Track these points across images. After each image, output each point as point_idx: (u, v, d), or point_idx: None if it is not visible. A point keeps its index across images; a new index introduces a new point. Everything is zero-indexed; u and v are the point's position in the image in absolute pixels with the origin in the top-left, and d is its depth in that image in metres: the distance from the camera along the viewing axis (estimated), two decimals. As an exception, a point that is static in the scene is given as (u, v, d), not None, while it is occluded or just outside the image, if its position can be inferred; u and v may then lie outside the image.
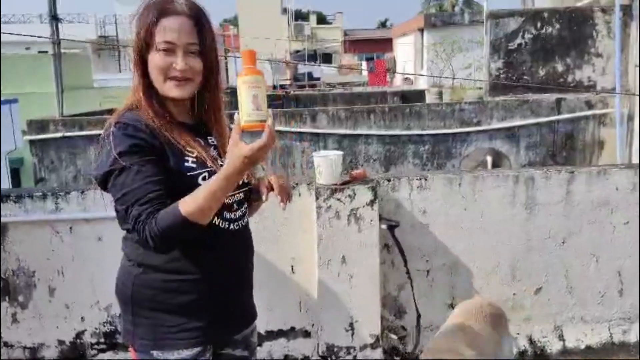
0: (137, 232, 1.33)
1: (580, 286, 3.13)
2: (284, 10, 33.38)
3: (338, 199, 2.83)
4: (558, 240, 3.08)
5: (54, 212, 2.91)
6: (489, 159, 7.26)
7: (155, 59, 1.41)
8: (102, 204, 2.94)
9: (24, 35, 3.70)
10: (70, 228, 2.93)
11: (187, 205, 1.31)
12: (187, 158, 1.42)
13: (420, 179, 3.01)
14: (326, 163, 2.84)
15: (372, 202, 2.84)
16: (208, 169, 1.43)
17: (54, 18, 7.20)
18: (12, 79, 16.08)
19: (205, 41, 1.43)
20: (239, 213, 1.53)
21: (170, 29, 1.40)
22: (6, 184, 12.07)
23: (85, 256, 2.95)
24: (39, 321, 3.00)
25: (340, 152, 2.93)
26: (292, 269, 3.03)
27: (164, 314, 1.45)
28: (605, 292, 3.14)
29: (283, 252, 3.00)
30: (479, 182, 3.03)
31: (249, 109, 1.26)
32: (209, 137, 1.55)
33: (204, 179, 1.41)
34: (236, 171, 1.29)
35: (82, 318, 3.01)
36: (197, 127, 1.54)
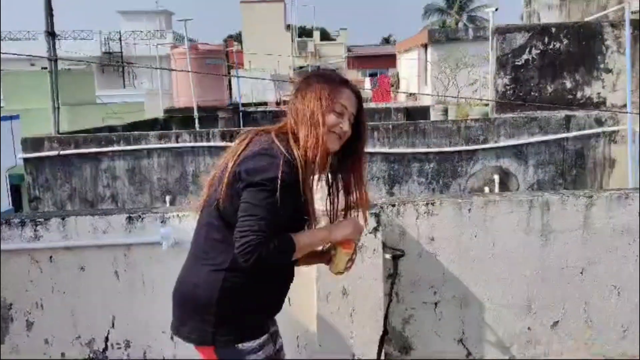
0: (246, 241, 1.54)
1: (600, 320, 2.90)
2: (288, 27, 33.49)
3: (338, 227, 2.61)
4: (576, 270, 2.86)
5: (33, 240, 2.71)
6: (496, 177, 7.07)
7: (332, 117, 1.71)
8: (86, 230, 2.76)
9: (18, 54, 3.54)
10: (50, 257, 2.72)
11: (302, 243, 1.67)
12: (308, 207, 1.71)
13: (427, 204, 2.80)
14: (325, 187, 2.63)
15: (375, 230, 2.63)
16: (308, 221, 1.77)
17: (50, 34, 7.07)
18: (16, 95, 16.06)
19: (361, 116, 1.81)
20: None
21: (347, 97, 1.75)
22: (6, 200, 11.93)
23: (67, 287, 2.74)
24: (16, 357, 2.78)
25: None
26: (290, 301, 2.79)
27: (247, 313, 1.71)
28: (628, 326, 2.90)
29: (279, 283, 2.78)
30: (491, 207, 2.81)
31: (343, 266, 1.88)
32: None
33: (308, 226, 1.77)
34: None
35: (62, 354, 2.79)
36: (327, 179, 1.89)
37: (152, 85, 22.57)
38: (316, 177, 1.80)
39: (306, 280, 2.72)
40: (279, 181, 1.58)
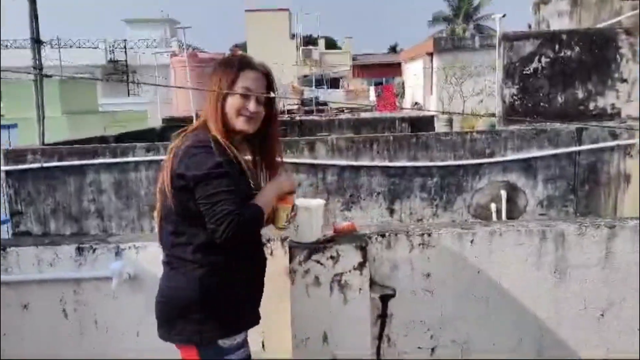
0: (224, 222, 1.64)
1: (624, 369, 2.50)
2: (293, 36, 33.29)
3: (318, 262, 2.25)
4: (596, 311, 2.47)
5: (-33, 274, 2.36)
6: (504, 193, 6.65)
7: (234, 100, 1.81)
8: (29, 262, 2.40)
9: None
10: (-13, 294, 2.37)
11: (262, 205, 1.77)
12: (249, 181, 1.84)
13: (423, 234, 2.43)
14: (304, 215, 2.26)
15: (361, 265, 2.26)
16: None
17: (36, 41, 6.78)
18: (14, 103, 15.86)
19: (272, 97, 1.89)
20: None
21: (250, 78, 1.83)
22: (5, 210, 11.66)
23: (7, 328, 2.40)
24: (-51, 408, 2.43)
25: (322, 201, 2.35)
26: (263, 346, 2.43)
27: (228, 306, 1.77)
28: (656, 376, 2.51)
29: (251, 325, 2.41)
30: (496, 239, 2.43)
31: (284, 219, 1.96)
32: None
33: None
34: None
35: (1, 405, 2.43)
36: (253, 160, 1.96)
37: (156, 94, 22.39)
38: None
39: (280, 323, 2.35)
40: (221, 164, 1.69)
